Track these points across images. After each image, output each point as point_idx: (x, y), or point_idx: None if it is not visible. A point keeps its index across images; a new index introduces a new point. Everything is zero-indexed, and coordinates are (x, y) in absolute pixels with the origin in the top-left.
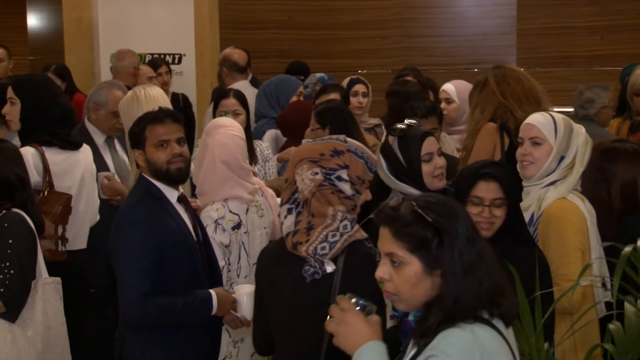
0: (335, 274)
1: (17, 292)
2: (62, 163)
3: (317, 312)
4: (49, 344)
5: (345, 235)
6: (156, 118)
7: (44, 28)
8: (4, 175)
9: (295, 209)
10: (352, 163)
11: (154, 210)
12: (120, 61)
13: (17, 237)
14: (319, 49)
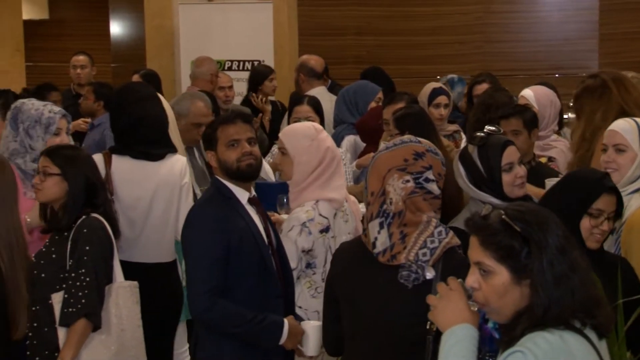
0: (434, 280)
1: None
2: (132, 172)
3: (412, 318)
4: (123, 347)
5: (443, 241)
6: (227, 119)
7: (127, 35)
8: (86, 181)
9: (385, 222)
10: (433, 162)
11: (223, 208)
12: (198, 68)
13: (94, 244)
14: (397, 54)
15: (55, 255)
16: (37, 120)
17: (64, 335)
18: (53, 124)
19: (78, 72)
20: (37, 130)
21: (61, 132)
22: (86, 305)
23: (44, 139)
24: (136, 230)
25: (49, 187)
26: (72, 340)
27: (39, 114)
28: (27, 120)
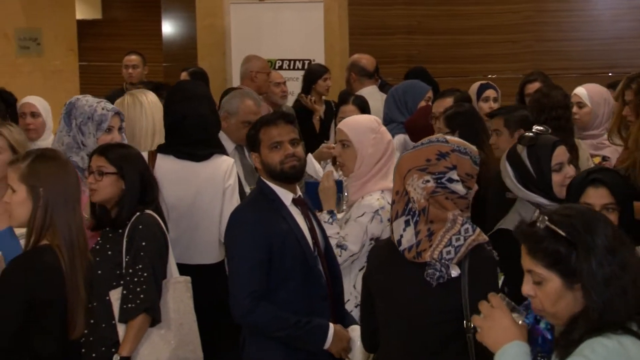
0: (461, 278)
1: (153, 295)
2: (175, 172)
3: (439, 315)
4: (182, 341)
5: (469, 239)
6: (269, 120)
7: (178, 35)
8: (140, 179)
9: (412, 220)
10: (459, 162)
11: (265, 210)
12: (242, 66)
13: (150, 240)
14: (448, 53)
15: (110, 252)
16: (89, 117)
17: (124, 331)
18: (105, 121)
19: (130, 72)
20: (89, 127)
21: (113, 129)
22: (145, 300)
23: (96, 135)
24: (179, 230)
25: (104, 186)
26: (131, 335)
27: (92, 110)
28: (80, 116)
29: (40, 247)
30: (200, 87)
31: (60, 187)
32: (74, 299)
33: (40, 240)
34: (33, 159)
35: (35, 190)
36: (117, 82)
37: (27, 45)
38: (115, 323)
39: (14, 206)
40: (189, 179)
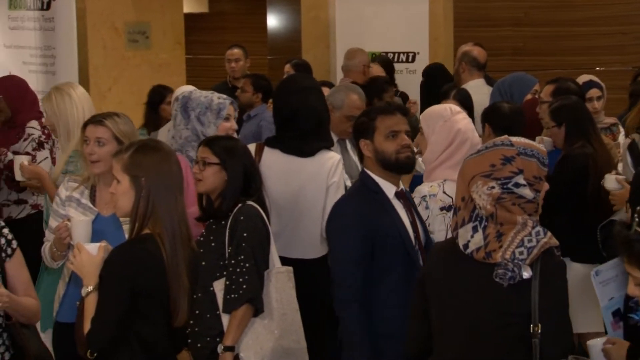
0: (532, 280)
1: (256, 285)
2: (281, 166)
3: (505, 318)
4: (285, 331)
5: (542, 241)
6: (387, 110)
7: (283, 28)
8: (244, 171)
9: (480, 225)
10: (526, 165)
11: (367, 202)
12: (350, 60)
13: (251, 230)
14: (555, 45)
15: (214, 244)
16: (207, 107)
17: (227, 322)
18: (223, 109)
19: (232, 66)
20: (209, 117)
21: (230, 117)
22: (248, 290)
23: (216, 124)
24: (281, 224)
25: (208, 176)
26: (234, 325)
27: (209, 100)
28: (197, 107)
29: (142, 236)
30: (311, 80)
31: (161, 176)
32: (176, 287)
33: (142, 229)
34: (135, 149)
35: (137, 181)
36: (222, 75)
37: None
38: (219, 313)
39: (118, 196)
40: (294, 174)
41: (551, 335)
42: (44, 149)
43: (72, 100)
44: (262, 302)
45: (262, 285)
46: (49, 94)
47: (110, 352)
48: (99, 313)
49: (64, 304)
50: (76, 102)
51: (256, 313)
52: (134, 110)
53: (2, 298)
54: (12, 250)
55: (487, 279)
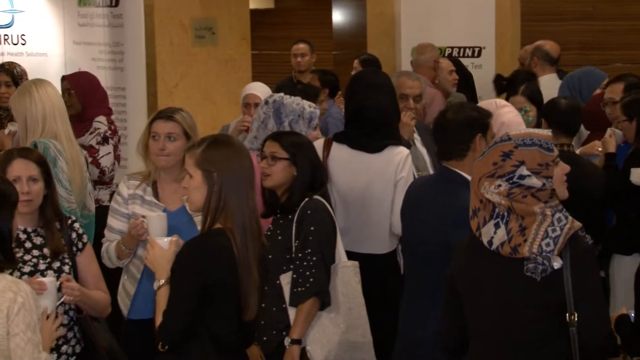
0: (564, 269)
1: (323, 279)
2: (348, 162)
3: (540, 311)
4: (352, 325)
5: (565, 228)
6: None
7: (348, 23)
8: (311, 165)
9: (502, 221)
10: (526, 155)
11: None
12: (421, 55)
13: (318, 224)
14: (623, 40)
15: (281, 237)
16: (300, 115)
17: (294, 315)
18: (314, 119)
19: (298, 60)
20: (300, 125)
21: (317, 126)
22: (315, 284)
23: (307, 132)
24: (349, 219)
25: (277, 171)
26: (301, 318)
27: (301, 108)
28: (290, 114)
29: (214, 231)
30: (381, 77)
31: (233, 171)
32: (247, 281)
33: (214, 223)
34: (208, 144)
35: (209, 175)
36: (287, 70)
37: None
38: (285, 307)
39: (191, 191)
40: (361, 169)
41: (588, 323)
42: (107, 144)
43: (32, 98)
44: (329, 296)
45: (329, 278)
46: (16, 91)
47: (182, 345)
48: (170, 306)
49: (135, 301)
50: (35, 100)
51: (322, 306)
52: (201, 106)
53: (74, 292)
54: (83, 245)
55: (517, 273)
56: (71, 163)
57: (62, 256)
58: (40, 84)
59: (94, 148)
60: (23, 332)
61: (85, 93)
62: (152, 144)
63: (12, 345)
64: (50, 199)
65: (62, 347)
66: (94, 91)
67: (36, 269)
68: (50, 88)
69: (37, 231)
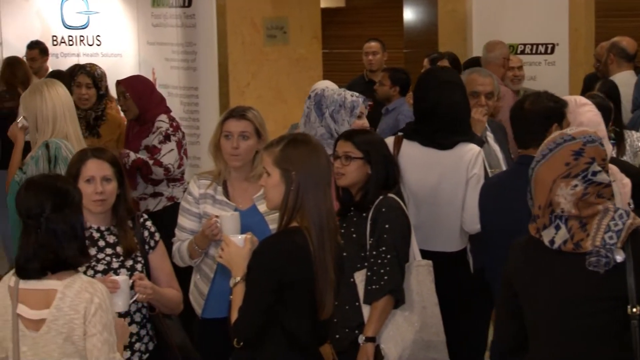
0: (626, 262)
1: (397, 277)
2: (419, 159)
3: (601, 304)
4: (426, 324)
5: (627, 222)
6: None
7: (419, 21)
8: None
9: (561, 222)
10: (593, 151)
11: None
12: (490, 52)
13: (393, 222)
14: None
15: (355, 235)
16: (341, 105)
17: (367, 313)
18: (357, 107)
19: (370, 59)
20: (342, 114)
21: (363, 115)
22: (389, 281)
23: (349, 122)
24: (420, 216)
25: (351, 171)
26: (375, 316)
27: (342, 98)
28: (331, 105)
29: (290, 229)
30: (452, 74)
31: (311, 170)
32: (323, 280)
33: (290, 222)
34: (286, 143)
35: (287, 174)
36: (358, 69)
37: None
38: (358, 305)
39: (269, 189)
40: (432, 166)
41: None
42: (170, 142)
43: (43, 97)
44: (404, 294)
45: (403, 276)
46: (26, 90)
47: (256, 342)
48: (246, 303)
49: (209, 300)
50: (46, 99)
51: (397, 304)
52: (272, 105)
53: (146, 290)
54: (155, 243)
55: (578, 268)
56: None
57: (134, 254)
58: (51, 84)
59: (156, 147)
60: (100, 332)
61: (140, 96)
62: (225, 143)
63: (88, 346)
64: (123, 198)
65: (135, 344)
66: (149, 94)
67: (109, 267)
68: (62, 88)
69: (110, 230)
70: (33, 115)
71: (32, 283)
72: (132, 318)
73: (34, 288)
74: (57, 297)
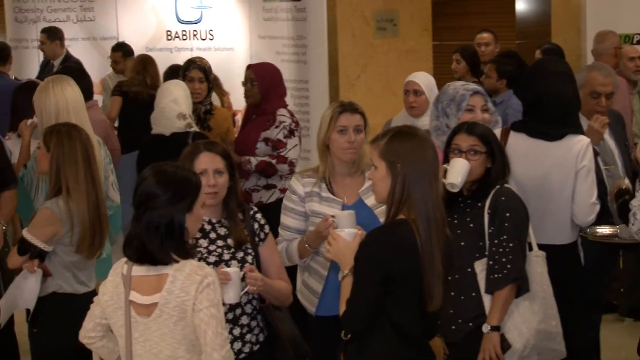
0: None
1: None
2: (527, 151)
3: None
4: (547, 315)
5: None
6: None
7: (532, 12)
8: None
9: None
10: None
11: None
12: (600, 43)
13: (513, 210)
14: None
15: (472, 225)
16: (452, 99)
17: (489, 302)
18: (464, 101)
19: (482, 50)
20: (452, 108)
21: (475, 108)
22: (512, 270)
23: (457, 116)
24: (529, 208)
25: (477, 165)
26: (498, 305)
27: (455, 92)
28: (445, 99)
29: (397, 221)
30: (561, 65)
31: (417, 163)
32: (430, 272)
33: (397, 214)
34: (392, 136)
35: (393, 167)
36: None
37: (384, 26)
38: (475, 295)
39: (376, 182)
40: (540, 158)
41: None
42: (294, 137)
43: (47, 94)
44: (527, 282)
45: (524, 265)
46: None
47: (365, 334)
48: (353, 294)
49: (323, 298)
50: (50, 95)
51: (519, 293)
52: (382, 98)
53: (257, 282)
54: (265, 235)
55: None
56: None
57: (245, 246)
58: (58, 81)
59: (281, 142)
60: (207, 307)
61: (266, 85)
62: (340, 137)
63: (196, 321)
64: (234, 190)
65: (246, 335)
66: (276, 85)
67: (220, 259)
68: (68, 85)
69: (221, 222)
70: (39, 110)
71: (144, 269)
72: (243, 310)
73: (147, 274)
74: (168, 280)
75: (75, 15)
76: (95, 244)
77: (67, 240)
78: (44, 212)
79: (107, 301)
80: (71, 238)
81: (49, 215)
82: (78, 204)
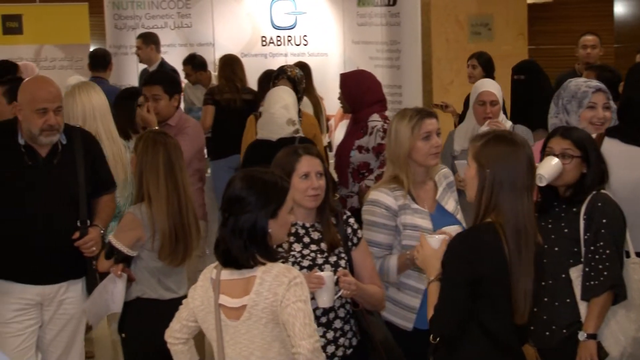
0: None
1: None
2: (619, 156)
3: None
4: None
5: None
6: None
7: (631, 15)
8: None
9: None
10: None
11: None
12: None
13: (610, 217)
14: None
15: (567, 230)
16: (573, 96)
17: (585, 309)
18: (586, 98)
19: (588, 52)
20: (573, 105)
21: (596, 106)
22: (609, 277)
23: (577, 113)
24: None
25: (569, 170)
26: (595, 312)
27: (576, 89)
28: (566, 96)
29: (483, 225)
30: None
31: (507, 170)
32: (516, 288)
33: (484, 218)
34: (488, 139)
35: (482, 170)
36: (565, 64)
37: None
38: (569, 301)
39: (468, 180)
40: (634, 164)
41: None
42: None
43: (74, 100)
44: (625, 289)
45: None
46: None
47: (454, 338)
48: (440, 299)
49: (421, 312)
50: (76, 101)
51: (616, 300)
52: None
53: (351, 286)
54: (358, 240)
55: None
56: (112, 160)
57: (338, 250)
58: (83, 87)
59: (382, 145)
60: (294, 302)
61: (351, 95)
62: (425, 143)
63: (284, 317)
64: (327, 194)
65: (340, 339)
66: (362, 93)
67: (314, 263)
68: (93, 90)
69: (315, 226)
70: (66, 115)
71: (232, 273)
72: (336, 313)
73: (235, 278)
74: (256, 282)
75: (173, 22)
76: (177, 251)
77: (149, 245)
78: (128, 217)
79: (198, 306)
80: (152, 244)
81: (132, 220)
82: (158, 211)
